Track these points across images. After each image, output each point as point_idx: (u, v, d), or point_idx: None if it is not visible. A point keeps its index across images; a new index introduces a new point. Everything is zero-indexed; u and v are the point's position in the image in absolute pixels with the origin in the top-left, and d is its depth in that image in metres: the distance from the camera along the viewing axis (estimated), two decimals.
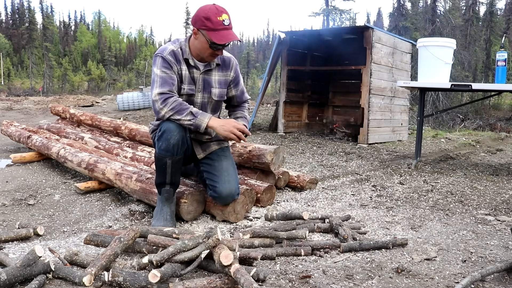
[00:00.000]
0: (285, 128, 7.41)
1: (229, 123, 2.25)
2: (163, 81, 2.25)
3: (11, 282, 1.53)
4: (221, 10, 2.24)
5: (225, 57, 2.48)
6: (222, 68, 2.47)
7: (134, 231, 1.81)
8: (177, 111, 2.20)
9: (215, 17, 2.21)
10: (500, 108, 21.44)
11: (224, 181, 2.37)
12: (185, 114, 2.20)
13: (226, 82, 2.50)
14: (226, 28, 2.24)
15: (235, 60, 2.56)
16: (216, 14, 2.22)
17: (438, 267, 1.85)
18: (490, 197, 3.21)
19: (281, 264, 1.86)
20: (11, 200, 2.92)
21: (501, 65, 3.94)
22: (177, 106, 2.21)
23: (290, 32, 7.30)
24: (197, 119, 2.21)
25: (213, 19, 2.21)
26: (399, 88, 6.77)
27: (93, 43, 59.41)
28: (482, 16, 29.98)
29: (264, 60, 54.70)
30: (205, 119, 2.22)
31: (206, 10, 2.24)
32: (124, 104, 13.62)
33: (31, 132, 4.59)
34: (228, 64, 2.49)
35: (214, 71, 2.45)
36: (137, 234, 1.81)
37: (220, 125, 2.23)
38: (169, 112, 2.20)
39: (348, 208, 2.88)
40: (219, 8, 2.24)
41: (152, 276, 1.48)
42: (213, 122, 2.23)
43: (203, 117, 2.22)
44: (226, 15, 2.24)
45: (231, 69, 2.50)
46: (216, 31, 2.22)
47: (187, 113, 2.21)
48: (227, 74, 2.50)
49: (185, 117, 2.20)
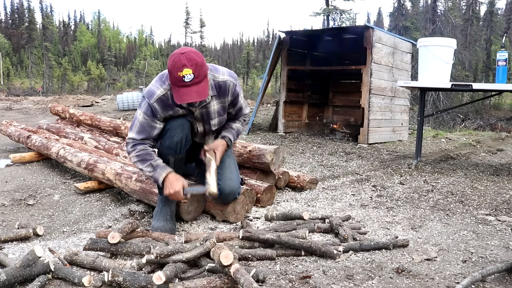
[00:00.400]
0: (285, 128, 7.40)
1: (176, 185, 2.11)
2: (141, 128, 2.20)
3: (11, 282, 1.53)
4: (183, 64, 1.95)
5: (220, 83, 2.26)
6: (219, 96, 2.29)
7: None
8: (141, 160, 2.19)
9: (176, 72, 1.97)
10: (500, 108, 21.42)
11: (226, 178, 2.36)
12: (146, 165, 2.18)
13: (224, 108, 2.36)
14: (186, 85, 1.98)
15: (232, 81, 2.29)
16: (177, 68, 1.97)
17: (438, 267, 1.85)
18: (491, 197, 3.21)
19: (281, 264, 1.85)
20: (10, 200, 2.91)
21: (501, 65, 3.94)
22: (142, 155, 2.19)
23: (290, 32, 7.30)
24: (155, 172, 2.16)
25: (173, 74, 1.99)
26: (399, 88, 6.77)
27: (92, 43, 59.39)
28: (482, 16, 29.98)
29: (264, 60, 54.71)
30: (163, 173, 2.15)
31: (171, 60, 2.01)
32: (124, 104, 13.63)
33: (31, 132, 4.59)
34: (225, 90, 2.28)
35: (211, 102, 2.28)
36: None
37: (167, 183, 2.13)
38: (134, 158, 2.20)
39: (348, 208, 2.88)
40: (182, 61, 1.96)
41: (156, 278, 1.48)
42: (167, 179, 2.14)
43: (161, 171, 2.15)
44: (188, 69, 1.95)
45: (227, 94, 2.30)
46: (176, 88, 2.02)
47: (147, 164, 2.18)
48: (224, 101, 2.33)
49: (146, 168, 2.18)
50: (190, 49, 2.05)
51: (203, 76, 2.03)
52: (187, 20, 40.68)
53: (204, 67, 2.05)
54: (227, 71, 2.33)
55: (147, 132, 2.21)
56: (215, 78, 2.25)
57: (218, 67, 2.32)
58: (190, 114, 2.29)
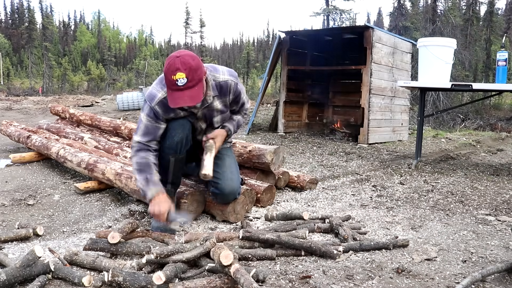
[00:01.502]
0: (285, 128, 7.40)
1: (161, 206, 2.08)
2: (146, 130, 2.21)
3: (11, 282, 1.53)
4: (177, 67, 1.96)
5: (221, 83, 2.26)
6: (221, 96, 2.29)
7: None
8: (138, 169, 2.18)
9: (170, 75, 1.98)
10: (500, 108, 21.41)
11: (226, 178, 2.36)
12: (141, 177, 2.17)
13: (226, 105, 2.36)
14: (179, 89, 1.98)
15: (233, 80, 2.30)
16: (171, 72, 1.97)
17: (438, 267, 1.85)
18: (491, 197, 3.21)
19: (281, 264, 1.85)
20: (10, 200, 2.91)
21: (501, 65, 3.93)
22: (141, 164, 2.18)
23: (290, 32, 7.30)
24: (147, 188, 2.14)
25: (168, 77, 1.99)
26: (399, 88, 6.77)
27: (92, 43, 59.39)
28: (482, 16, 29.97)
29: (264, 60, 54.70)
30: (154, 191, 2.12)
31: (166, 63, 2.02)
32: (124, 104, 13.62)
33: (31, 132, 4.59)
34: (226, 89, 2.29)
35: (214, 102, 2.28)
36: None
37: (154, 202, 2.10)
38: (134, 165, 2.21)
39: (348, 208, 2.88)
40: (176, 64, 1.96)
41: (156, 278, 1.48)
42: (155, 197, 2.11)
43: (153, 188, 2.13)
44: (182, 73, 1.95)
45: (229, 93, 2.31)
46: (170, 91, 2.03)
47: (143, 177, 2.16)
48: (226, 100, 2.33)
49: (140, 178, 2.17)
50: (187, 53, 2.04)
51: (197, 81, 2.02)
52: (187, 20, 40.67)
53: (199, 71, 2.03)
54: (227, 70, 2.33)
55: (152, 134, 2.22)
56: (215, 78, 2.25)
57: (218, 67, 2.32)
58: (191, 115, 2.30)
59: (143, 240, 2.02)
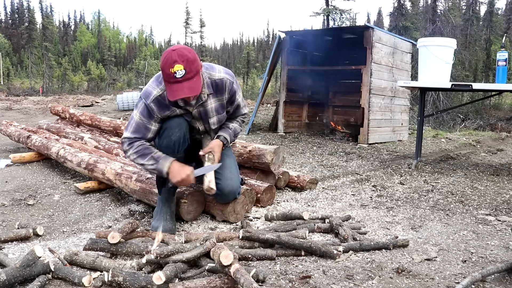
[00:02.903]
0: (285, 128, 7.40)
1: (183, 172, 2.12)
2: (137, 127, 2.20)
3: (11, 282, 1.53)
4: (174, 60, 1.97)
5: (217, 81, 2.26)
6: (216, 94, 2.29)
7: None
8: (140, 155, 2.17)
9: (168, 68, 1.98)
10: (500, 108, 21.41)
11: (226, 178, 2.36)
12: (147, 159, 2.16)
13: (223, 105, 2.35)
14: (177, 81, 1.98)
15: (229, 79, 2.30)
16: (168, 65, 1.98)
17: (438, 267, 1.85)
18: (491, 197, 3.21)
19: (281, 264, 1.85)
20: (10, 200, 2.91)
21: (501, 65, 3.93)
22: (141, 150, 2.18)
23: (290, 32, 7.30)
24: (158, 164, 2.14)
25: (166, 71, 1.99)
26: (399, 88, 6.77)
27: (92, 43, 59.42)
28: (482, 16, 29.99)
29: (264, 60, 54.69)
30: (167, 163, 2.14)
31: (163, 57, 2.03)
32: (124, 104, 13.62)
33: (31, 132, 4.59)
34: (221, 87, 2.28)
35: (208, 100, 2.28)
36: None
37: (174, 171, 2.12)
38: (133, 155, 2.19)
39: (348, 208, 2.88)
40: (173, 57, 1.97)
41: (156, 278, 1.48)
42: (171, 168, 2.14)
43: (164, 162, 2.14)
44: (180, 65, 1.96)
45: (225, 91, 2.31)
46: (168, 84, 2.02)
47: (148, 158, 2.16)
48: (222, 98, 2.33)
49: (148, 161, 2.16)
50: (182, 46, 2.07)
51: (195, 72, 2.03)
52: (187, 20, 40.70)
53: (196, 63, 2.04)
54: (223, 69, 2.33)
55: (141, 132, 2.21)
56: (211, 76, 2.25)
57: (215, 66, 2.33)
58: (187, 113, 2.29)
59: (143, 240, 2.02)
